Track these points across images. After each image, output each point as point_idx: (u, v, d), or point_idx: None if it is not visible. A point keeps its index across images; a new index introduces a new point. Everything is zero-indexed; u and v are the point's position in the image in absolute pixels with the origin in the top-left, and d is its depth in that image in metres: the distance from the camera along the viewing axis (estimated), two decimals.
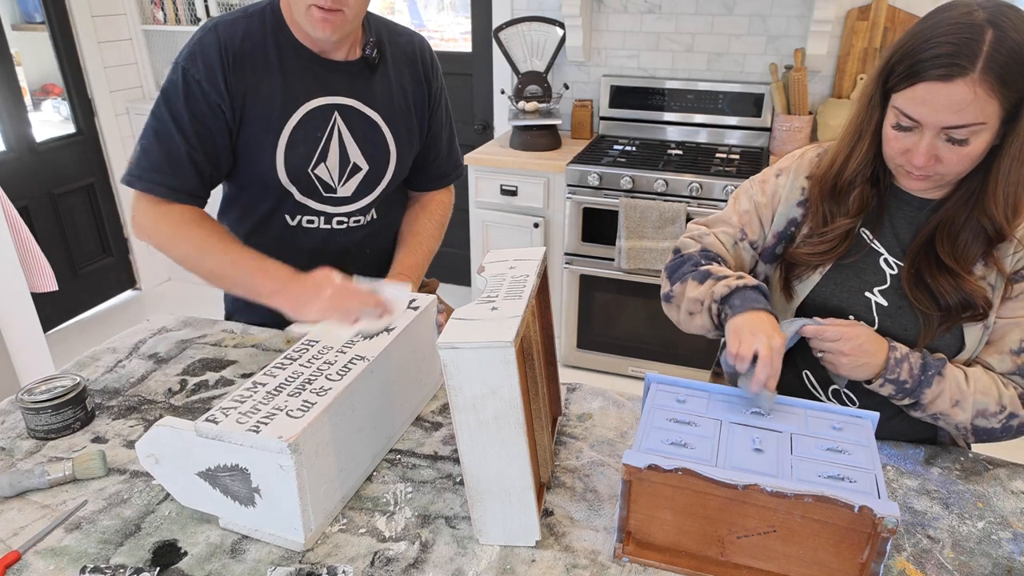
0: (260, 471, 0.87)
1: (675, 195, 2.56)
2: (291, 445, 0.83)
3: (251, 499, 0.90)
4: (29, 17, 3.35)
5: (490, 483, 0.87)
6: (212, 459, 0.89)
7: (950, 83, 0.90)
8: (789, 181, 1.18)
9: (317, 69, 1.29)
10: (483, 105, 3.33)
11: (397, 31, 1.42)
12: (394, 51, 1.39)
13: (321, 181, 1.33)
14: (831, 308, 1.14)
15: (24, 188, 3.12)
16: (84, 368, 1.29)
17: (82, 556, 0.88)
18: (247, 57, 1.24)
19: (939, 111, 0.93)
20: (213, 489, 0.91)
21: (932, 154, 0.96)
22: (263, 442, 0.84)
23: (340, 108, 1.32)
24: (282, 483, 0.86)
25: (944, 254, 1.03)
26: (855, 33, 2.66)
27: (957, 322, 1.05)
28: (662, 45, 2.94)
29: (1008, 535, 0.93)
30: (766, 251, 1.21)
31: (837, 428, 0.93)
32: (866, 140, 1.06)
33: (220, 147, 1.26)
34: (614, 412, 1.19)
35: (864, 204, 1.10)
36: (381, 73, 1.36)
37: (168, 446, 0.91)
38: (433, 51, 1.47)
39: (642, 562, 0.88)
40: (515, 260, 1.02)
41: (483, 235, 2.94)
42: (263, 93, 1.26)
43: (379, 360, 1.02)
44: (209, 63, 1.21)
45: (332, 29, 1.19)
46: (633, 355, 2.89)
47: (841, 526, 0.79)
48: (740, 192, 1.25)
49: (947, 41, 0.91)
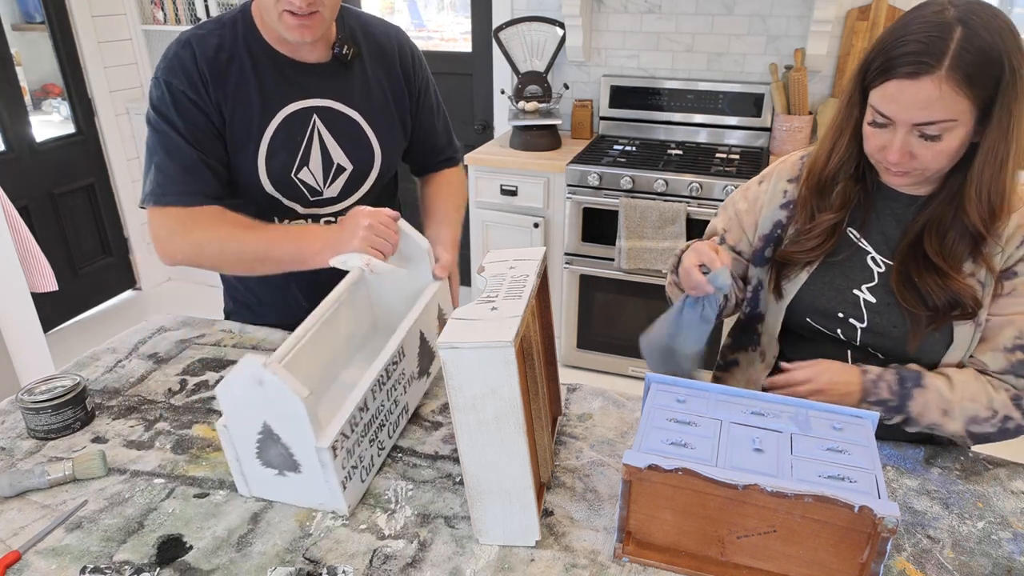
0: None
1: (675, 195, 2.56)
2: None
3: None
4: (29, 17, 3.35)
5: (490, 483, 0.87)
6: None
7: (917, 80, 0.92)
8: (771, 186, 1.21)
9: (292, 73, 1.28)
10: (483, 105, 3.33)
11: (371, 24, 1.39)
12: (370, 45, 1.36)
13: (306, 185, 1.32)
14: (819, 307, 1.14)
15: (24, 188, 3.12)
16: (84, 368, 1.29)
17: (84, 555, 0.88)
18: (223, 69, 1.23)
19: (908, 108, 0.94)
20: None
21: (906, 150, 0.98)
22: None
23: (319, 110, 1.31)
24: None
25: (932, 253, 1.04)
26: (855, 33, 2.66)
27: (946, 321, 1.05)
28: (662, 45, 2.94)
29: (1008, 535, 0.94)
30: (756, 255, 1.22)
31: (837, 428, 0.93)
32: (846, 136, 1.07)
33: (221, 150, 1.26)
34: (614, 412, 1.19)
35: (848, 199, 1.11)
36: (358, 70, 1.34)
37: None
38: (411, 40, 1.44)
39: (642, 562, 0.88)
40: (515, 260, 1.02)
41: (483, 235, 2.94)
42: (241, 102, 1.25)
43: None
44: (189, 75, 1.21)
45: (310, 33, 1.18)
46: (633, 355, 2.89)
47: (841, 526, 0.79)
48: (728, 202, 1.29)
49: (916, 39, 0.92)
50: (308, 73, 1.29)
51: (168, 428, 1.13)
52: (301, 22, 1.16)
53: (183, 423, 1.14)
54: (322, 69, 1.30)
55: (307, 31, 1.18)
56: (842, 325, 1.14)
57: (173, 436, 1.11)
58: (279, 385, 0.86)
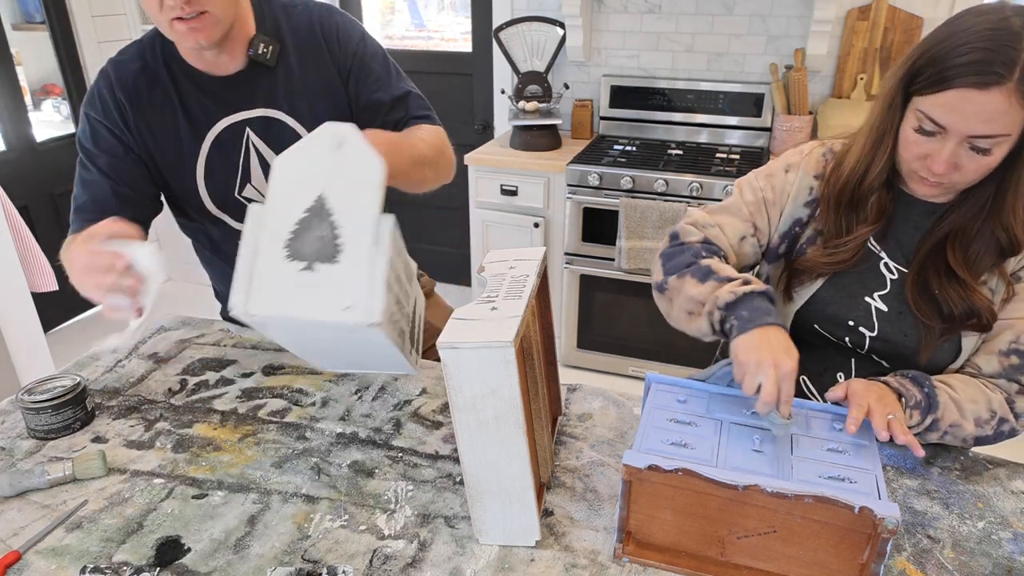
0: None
1: (675, 195, 2.56)
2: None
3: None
4: (29, 17, 3.35)
5: (490, 483, 0.87)
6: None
7: (986, 91, 0.87)
8: (798, 179, 1.14)
9: (214, 88, 1.21)
10: (483, 105, 3.33)
11: (293, 8, 1.26)
12: (292, 36, 1.24)
13: (253, 203, 1.25)
14: (830, 314, 1.12)
15: (24, 188, 3.12)
16: (84, 368, 1.29)
17: (83, 555, 0.88)
18: (143, 95, 1.19)
19: (969, 119, 0.89)
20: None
21: (953, 161, 0.93)
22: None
23: (250, 122, 1.23)
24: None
25: (955, 263, 1.01)
26: (855, 33, 2.65)
27: (958, 331, 1.03)
28: (662, 45, 2.94)
29: (1008, 535, 0.93)
30: (770, 251, 1.18)
31: (837, 428, 0.93)
32: (888, 145, 1.01)
33: (145, 179, 1.22)
34: (614, 412, 1.19)
35: (883, 210, 1.06)
36: (283, 69, 1.23)
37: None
38: (337, 13, 1.28)
39: (642, 562, 0.88)
40: (515, 260, 1.02)
41: (483, 235, 2.94)
42: (168, 126, 1.20)
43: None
44: (105, 105, 1.19)
45: (205, 36, 1.09)
46: (633, 355, 2.89)
47: (841, 527, 0.79)
48: (744, 184, 1.19)
49: (984, 47, 0.87)
50: (230, 86, 1.21)
51: (168, 428, 1.13)
52: (190, 26, 1.08)
53: (183, 423, 1.14)
54: (244, 78, 1.21)
55: (200, 34, 1.09)
56: (851, 333, 1.11)
57: (173, 436, 1.11)
58: (361, 147, 0.82)
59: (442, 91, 3.35)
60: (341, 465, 1.05)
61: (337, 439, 1.11)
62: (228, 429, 1.13)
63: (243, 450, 1.08)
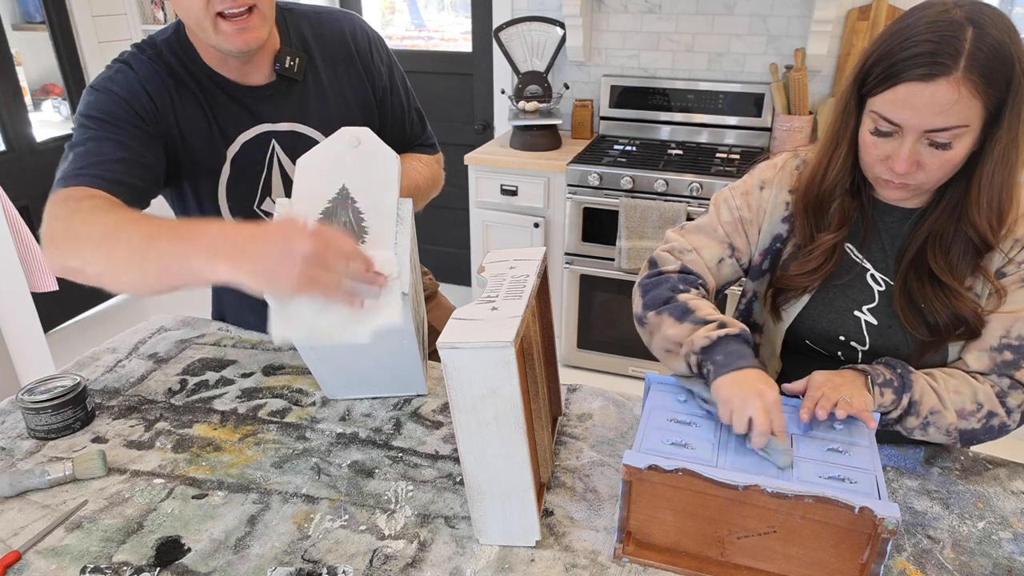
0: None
1: (675, 195, 2.56)
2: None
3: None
4: (29, 17, 3.35)
5: (490, 483, 0.87)
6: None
7: (932, 83, 0.87)
8: (773, 195, 1.13)
9: (242, 98, 1.18)
10: (483, 105, 3.33)
11: (322, 21, 1.23)
12: (322, 48, 1.22)
13: (271, 217, 1.21)
14: (820, 329, 1.11)
15: (24, 188, 3.11)
16: (84, 368, 1.29)
17: (83, 555, 0.88)
18: (172, 94, 1.13)
19: (921, 113, 0.89)
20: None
21: (914, 160, 0.93)
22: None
23: (276, 135, 1.21)
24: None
25: (939, 269, 1.00)
26: (855, 33, 2.65)
27: (948, 341, 1.02)
28: (662, 45, 2.94)
29: (1008, 535, 0.93)
30: (753, 268, 1.17)
31: (837, 428, 0.93)
32: (843, 148, 1.01)
33: (150, 162, 1.11)
34: (614, 412, 1.19)
35: (845, 217, 1.06)
36: (311, 81, 1.22)
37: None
38: (366, 25, 1.27)
39: (642, 562, 0.88)
40: (515, 260, 1.02)
41: (483, 235, 2.94)
42: (198, 127, 1.15)
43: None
44: (131, 86, 1.10)
45: (254, 36, 1.06)
46: (633, 355, 2.89)
47: (841, 527, 0.79)
48: (720, 202, 1.17)
49: (927, 40, 0.88)
50: (259, 98, 1.19)
51: (168, 428, 1.13)
52: (239, 25, 1.03)
53: (183, 423, 1.14)
54: (272, 90, 1.19)
55: (249, 35, 1.05)
56: (843, 348, 1.11)
57: (173, 436, 1.11)
58: (376, 144, 0.96)
59: (442, 91, 3.35)
60: (341, 465, 1.05)
61: (337, 439, 1.11)
62: (228, 429, 1.13)
63: (243, 450, 1.08)
